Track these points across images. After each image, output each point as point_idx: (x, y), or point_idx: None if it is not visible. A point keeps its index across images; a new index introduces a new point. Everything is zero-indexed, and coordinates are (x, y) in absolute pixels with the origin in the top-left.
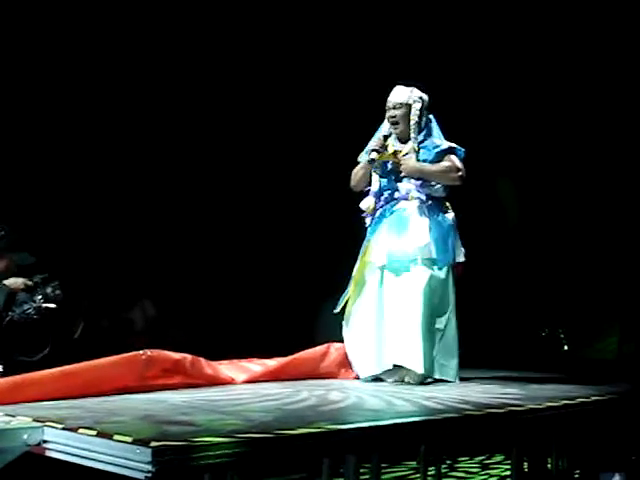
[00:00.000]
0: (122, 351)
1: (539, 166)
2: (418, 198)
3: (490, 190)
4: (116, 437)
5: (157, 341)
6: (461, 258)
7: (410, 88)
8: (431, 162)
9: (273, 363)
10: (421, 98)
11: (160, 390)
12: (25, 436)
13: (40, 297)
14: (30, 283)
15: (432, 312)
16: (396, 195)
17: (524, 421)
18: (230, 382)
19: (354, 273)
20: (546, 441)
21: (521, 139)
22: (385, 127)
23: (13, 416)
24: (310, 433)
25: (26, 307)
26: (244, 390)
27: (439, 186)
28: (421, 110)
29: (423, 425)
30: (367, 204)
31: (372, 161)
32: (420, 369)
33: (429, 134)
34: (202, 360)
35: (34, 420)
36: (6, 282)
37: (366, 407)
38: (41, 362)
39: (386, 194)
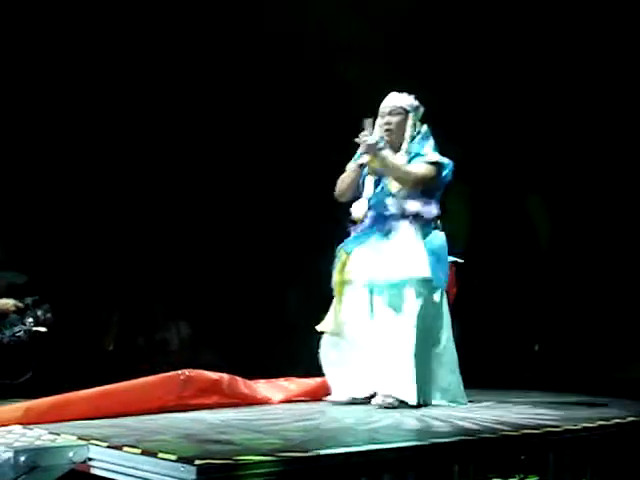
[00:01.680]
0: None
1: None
2: (409, 216)
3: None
4: (160, 455)
5: (190, 362)
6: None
7: (408, 95)
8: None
9: (310, 382)
10: (417, 108)
11: (197, 409)
12: (71, 454)
13: (31, 320)
14: (21, 305)
15: (427, 336)
16: (386, 212)
17: (560, 442)
18: (267, 402)
19: (335, 290)
20: (581, 462)
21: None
22: (377, 133)
23: (57, 434)
24: (350, 452)
25: (16, 329)
26: (281, 410)
27: (431, 205)
28: (416, 120)
29: (460, 445)
30: (359, 210)
31: (362, 165)
32: (413, 400)
33: (421, 146)
34: (239, 379)
35: (79, 438)
36: None
37: (403, 427)
38: (22, 386)
39: (374, 210)
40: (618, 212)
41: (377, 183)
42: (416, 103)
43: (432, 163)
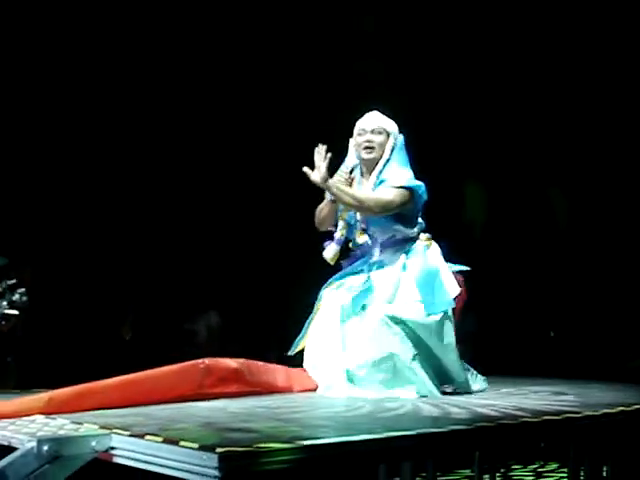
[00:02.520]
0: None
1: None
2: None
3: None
4: (182, 443)
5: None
6: (455, 291)
7: (388, 119)
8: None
9: None
10: (398, 135)
11: (217, 398)
12: (93, 443)
13: (5, 303)
14: None
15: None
16: (365, 249)
17: (581, 428)
18: (287, 390)
19: (315, 310)
20: (602, 448)
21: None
22: (350, 159)
23: (80, 424)
24: (370, 440)
25: None
26: (302, 399)
27: (406, 227)
28: (394, 145)
29: (480, 432)
30: (330, 254)
31: (334, 201)
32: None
33: (393, 169)
34: (260, 366)
35: (101, 427)
36: None
37: (423, 414)
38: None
39: (357, 250)
40: (635, 202)
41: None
42: (397, 128)
43: (398, 187)
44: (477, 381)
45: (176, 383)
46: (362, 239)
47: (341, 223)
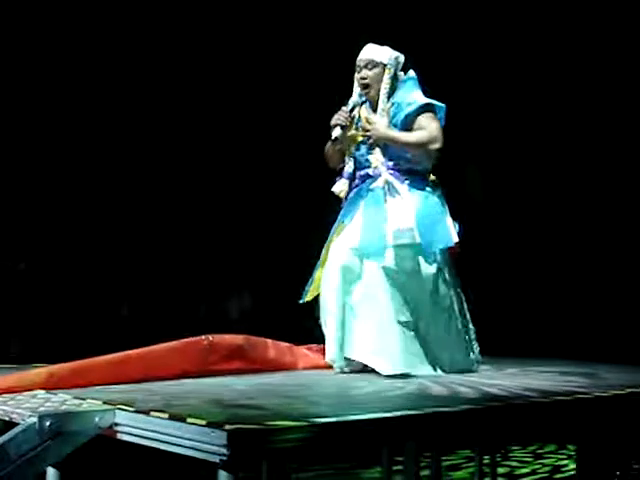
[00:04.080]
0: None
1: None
2: (391, 181)
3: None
4: (189, 420)
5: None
6: (453, 239)
7: (384, 47)
8: (403, 124)
9: None
10: (397, 59)
11: (222, 375)
12: (97, 419)
13: None
14: None
15: (416, 306)
16: (371, 171)
17: (591, 409)
18: (292, 367)
19: (321, 257)
20: (613, 430)
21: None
22: (353, 97)
23: (82, 399)
24: (379, 418)
25: None
26: (307, 376)
27: (422, 158)
28: (395, 73)
29: (489, 411)
30: (339, 188)
31: (336, 140)
32: (386, 370)
33: (405, 92)
34: (264, 342)
35: (104, 403)
36: None
37: (429, 393)
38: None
39: (361, 171)
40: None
41: (358, 146)
42: (395, 53)
43: (427, 109)
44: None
45: (180, 359)
46: (375, 160)
47: (347, 155)
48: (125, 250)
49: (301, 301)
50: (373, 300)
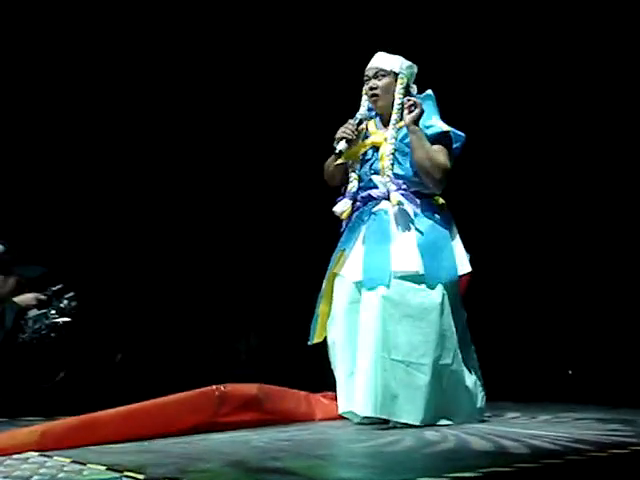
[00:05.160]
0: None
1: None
2: (402, 202)
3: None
4: None
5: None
6: (465, 269)
7: (396, 55)
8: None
9: None
10: (410, 68)
11: (235, 429)
12: None
13: (54, 312)
14: (43, 297)
15: (417, 346)
16: (375, 193)
17: None
18: (309, 418)
19: (322, 289)
20: None
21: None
22: (362, 110)
23: (83, 464)
24: None
25: (38, 325)
26: (327, 429)
27: (428, 181)
28: (408, 84)
29: (549, 469)
30: (341, 208)
31: (340, 153)
32: (367, 412)
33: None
34: (279, 391)
35: (108, 469)
36: (16, 299)
37: (475, 449)
38: (56, 388)
39: (363, 192)
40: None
41: (362, 164)
42: (407, 62)
43: (444, 139)
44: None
45: (188, 412)
46: (379, 179)
47: (352, 175)
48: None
49: (310, 343)
50: (368, 336)
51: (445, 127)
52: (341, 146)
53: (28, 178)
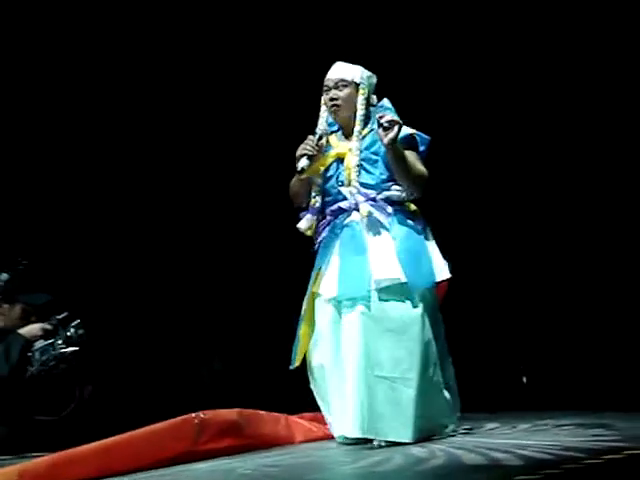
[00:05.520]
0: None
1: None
2: (372, 212)
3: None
4: None
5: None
6: (444, 274)
7: (356, 65)
8: (386, 155)
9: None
10: (370, 79)
11: (215, 456)
12: None
13: (60, 342)
14: (49, 327)
15: (401, 360)
16: (344, 204)
17: None
18: (288, 441)
19: (303, 310)
20: None
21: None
22: (321, 123)
23: None
24: None
25: (45, 357)
26: (311, 452)
27: (405, 188)
28: (369, 94)
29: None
30: (305, 225)
31: (302, 171)
32: (355, 433)
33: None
34: (258, 415)
35: None
36: (22, 331)
37: (467, 463)
38: (66, 420)
39: (332, 205)
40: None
41: (327, 178)
42: (367, 72)
43: (410, 142)
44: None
45: (167, 442)
46: (347, 190)
47: (315, 189)
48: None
49: (292, 367)
50: (351, 355)
51: (410, 130)
52: (302, 163)
53: (30, 206)
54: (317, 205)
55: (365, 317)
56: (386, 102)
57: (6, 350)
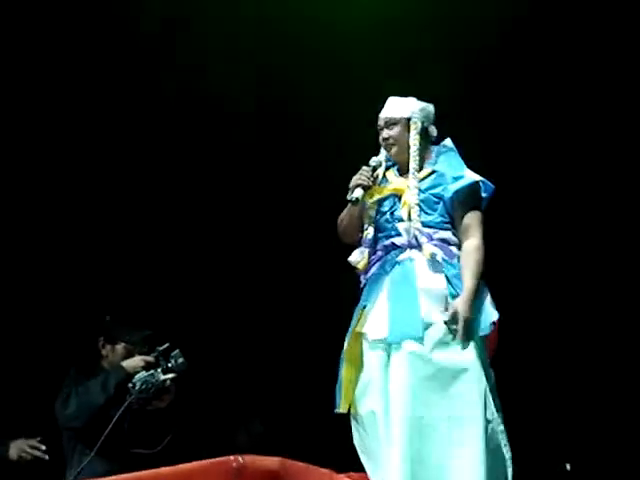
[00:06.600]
0: None
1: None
2: (436, 254)
3: None
4: None
5: None
6: (493, 316)
7: (408, 98)
8: (451, 200)
9: None
10: (423, 110)
11: None
12: None
13: (160, 370)
14: (150, 359)
15: (457, 397)
16: (398, 241)
17: None
18: None
19: (344, 351)
20: None
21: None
22: (379, 156)
23: None
24: None
25: (144, 387)
26: None
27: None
28: (424, 127)
29: None
30: (357, 258)
31: (356, 201)
32: None
33: (448, 161)
34: (302, 467)
35: None
36: (124, 363)
37: None
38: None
39: (385, 240)
40: None
41: (380, 212)
42: (420, 104)
43: (474, 192)
44: None
45: None
46: (404, 227)
47: (367, 221)
48: None
49: (336, 411)
50: (399, 400)
51: (476, 177)
52: (357, 193)
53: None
54: (369, 237)
55: (414, 358)
56: (448, 142)
57: (104, 380)
